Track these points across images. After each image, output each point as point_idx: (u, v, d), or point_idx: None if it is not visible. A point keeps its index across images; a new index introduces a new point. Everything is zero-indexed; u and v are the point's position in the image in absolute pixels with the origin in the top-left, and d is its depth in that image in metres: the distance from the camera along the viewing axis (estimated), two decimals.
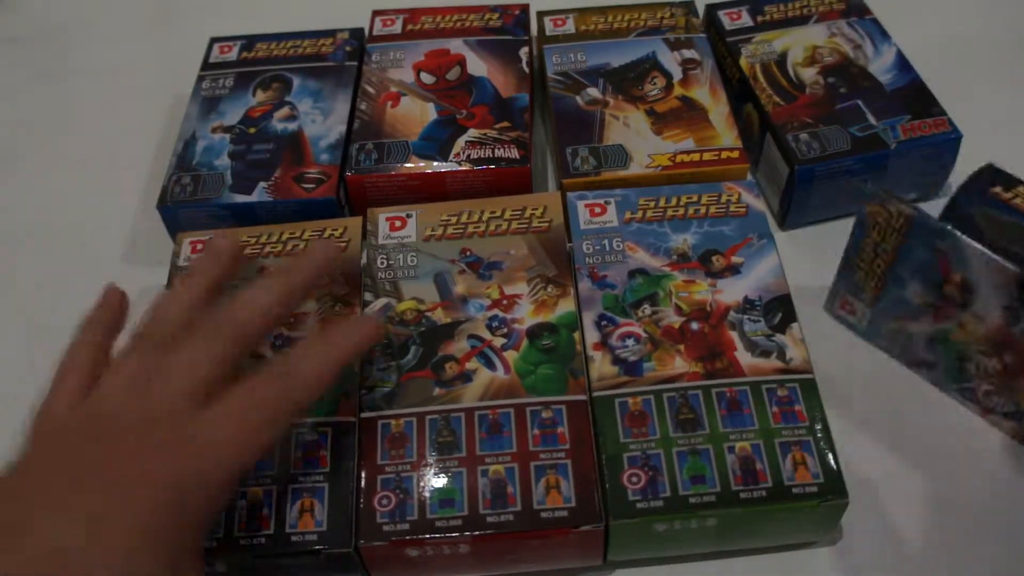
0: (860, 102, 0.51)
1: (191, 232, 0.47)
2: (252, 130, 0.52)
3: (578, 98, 0.52)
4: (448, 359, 0.41)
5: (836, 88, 0.52)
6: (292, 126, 0.52)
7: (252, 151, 0.51)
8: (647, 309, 0.42)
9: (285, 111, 0.53)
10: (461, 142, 0.50)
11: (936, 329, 0.42)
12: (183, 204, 0.48)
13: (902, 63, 0.53)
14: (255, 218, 0.49)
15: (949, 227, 0.39)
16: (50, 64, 0.64)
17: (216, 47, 0.57)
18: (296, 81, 0.54)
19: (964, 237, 0.38)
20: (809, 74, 0.52)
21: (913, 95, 0.51)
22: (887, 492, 0.41)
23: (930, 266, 0.40)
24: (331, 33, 0.57)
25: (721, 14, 0.57)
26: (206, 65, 0.56)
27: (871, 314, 0.44)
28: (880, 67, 0.53)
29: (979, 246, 0.38)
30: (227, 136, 0.51)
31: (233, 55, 0.56)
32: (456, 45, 0.55)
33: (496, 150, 0.49)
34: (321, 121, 0.52)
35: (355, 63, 0.55)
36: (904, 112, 0.50)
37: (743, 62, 0.54)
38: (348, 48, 0.56)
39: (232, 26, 0.59)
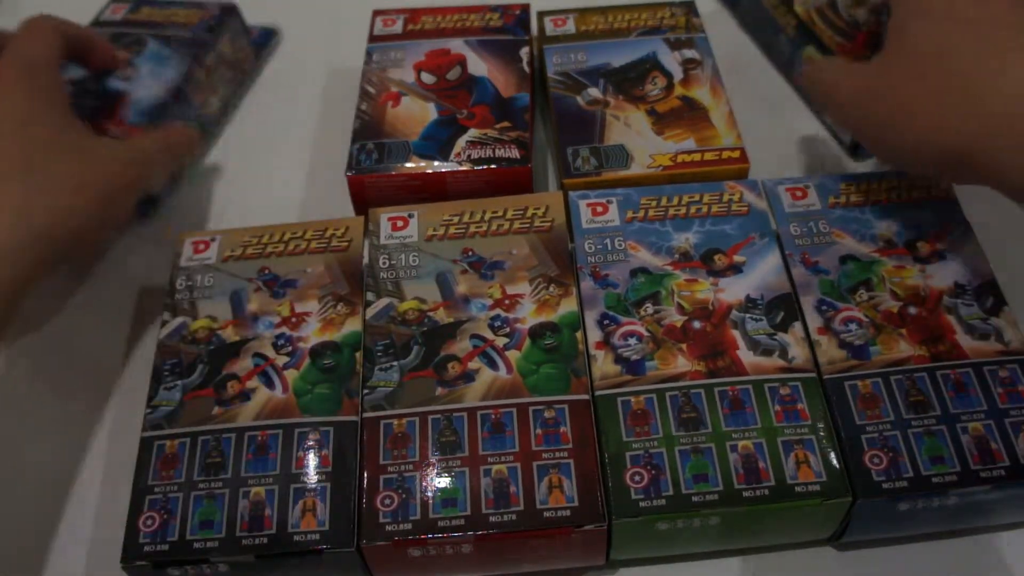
0: None
1: (192, 232, 0.47)
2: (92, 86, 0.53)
3: (579, 98, 0.52)
4: (450, 359, 0.41)
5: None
6: (122, 86, 0.53)
7: (76, 103, 0.47)
8: (649, 308, 0.42)
9: (128, 71, 0.54)
10: (462, 142, 0.50)
11: (869, 257, 0.43)
12: None
13: None
14: None
15: None
16: None
17: None
18: (151, 45, 0.56)
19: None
20: (861, 13, 0.53)
21: None
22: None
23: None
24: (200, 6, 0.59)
25: None
26: None
27: None
28: None
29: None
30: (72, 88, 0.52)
31: None
32: (457, 45, 0.55)
33: (497, 150, 0.49)
34: (152, 86, 0.53)
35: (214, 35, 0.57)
36: None
37: (798, 8, 0.55)
38: (212, 24, 0.57)
39: None
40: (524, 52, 0.55)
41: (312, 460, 0.38)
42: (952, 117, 0.36)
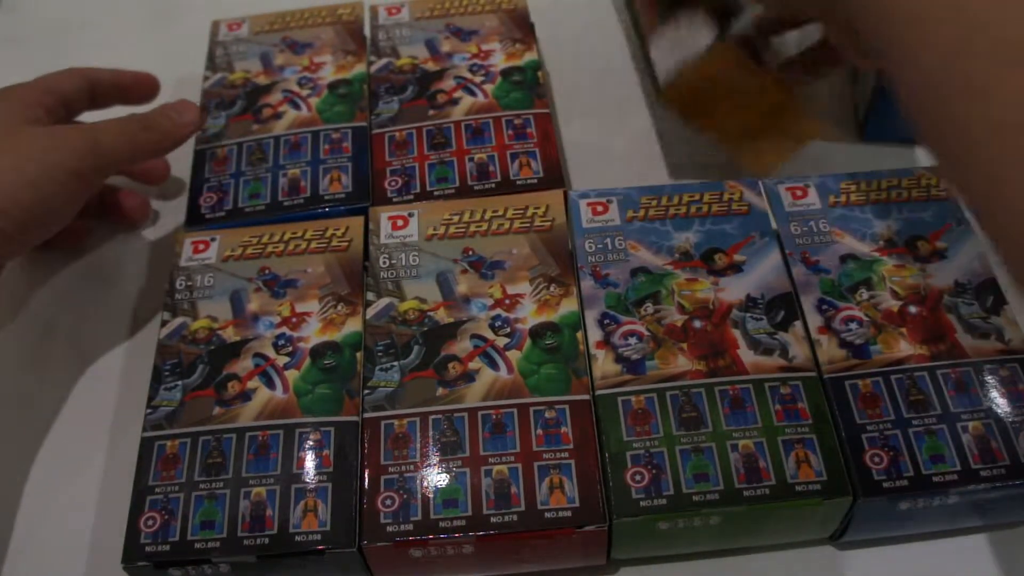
0: None
1: (192, 232, 0.47)
2: None
3: None
4: (451, 359, 0.41)
5: None
6: None
7: None
8: (650, 307, 0.42)
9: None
10: None
11: (870, 256, 0.43)
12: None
13: None
14: None
15: None
16: (50, 64, 0.63)
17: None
18: None
19: None
20: None
21: None
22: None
23: None
24: None
25: None
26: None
27: None
28: None
29: None
30: None
31: None
32: None
33: None
34: None
35: None
36: None
37: None
38: None
39: None
40: None
41: (313, 460, 0.38)
42: None
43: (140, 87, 0.52)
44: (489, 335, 0.41)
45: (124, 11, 0.67)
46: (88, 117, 0.50)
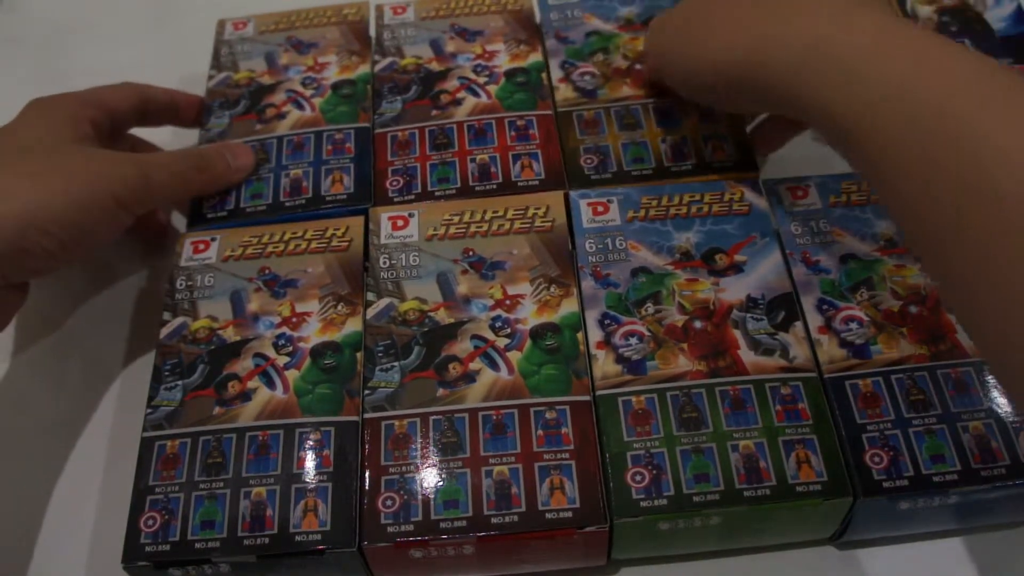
0: (967, 40, 0.52)
1: (192, 232, 0.47)
2: None
3: None
4: (451, 359, 0.41)
5: (947, 26, 0.52)
6: None
7: None
8: (650, 308, 0.42)
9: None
10: None
11: (870, 256, 0.44)
12: None
13: (1019, 16, 0.53)
14: None
15: None
16: (50, 64, 0.64)
17: None
18: None
19: None
20: (925, 11, 0.53)
21: (1021, 44, 0.52)
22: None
23: None
24: None
25: None
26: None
27: None
28: (996, 15, 0.53)
29: None
30: None
31: None
32: None
33: None
34: None
35: None
36: (1007, 55, 0.51)
37: None
38: None
39: None
40: None
41: (313, 460, 0.38)
42: (733, 37, 0.40)
43: (191, 109, 0.52)
44: (489, 336, 0.41)
45: (125, 11, 0.67)
46: (136, 133, 0.51)
